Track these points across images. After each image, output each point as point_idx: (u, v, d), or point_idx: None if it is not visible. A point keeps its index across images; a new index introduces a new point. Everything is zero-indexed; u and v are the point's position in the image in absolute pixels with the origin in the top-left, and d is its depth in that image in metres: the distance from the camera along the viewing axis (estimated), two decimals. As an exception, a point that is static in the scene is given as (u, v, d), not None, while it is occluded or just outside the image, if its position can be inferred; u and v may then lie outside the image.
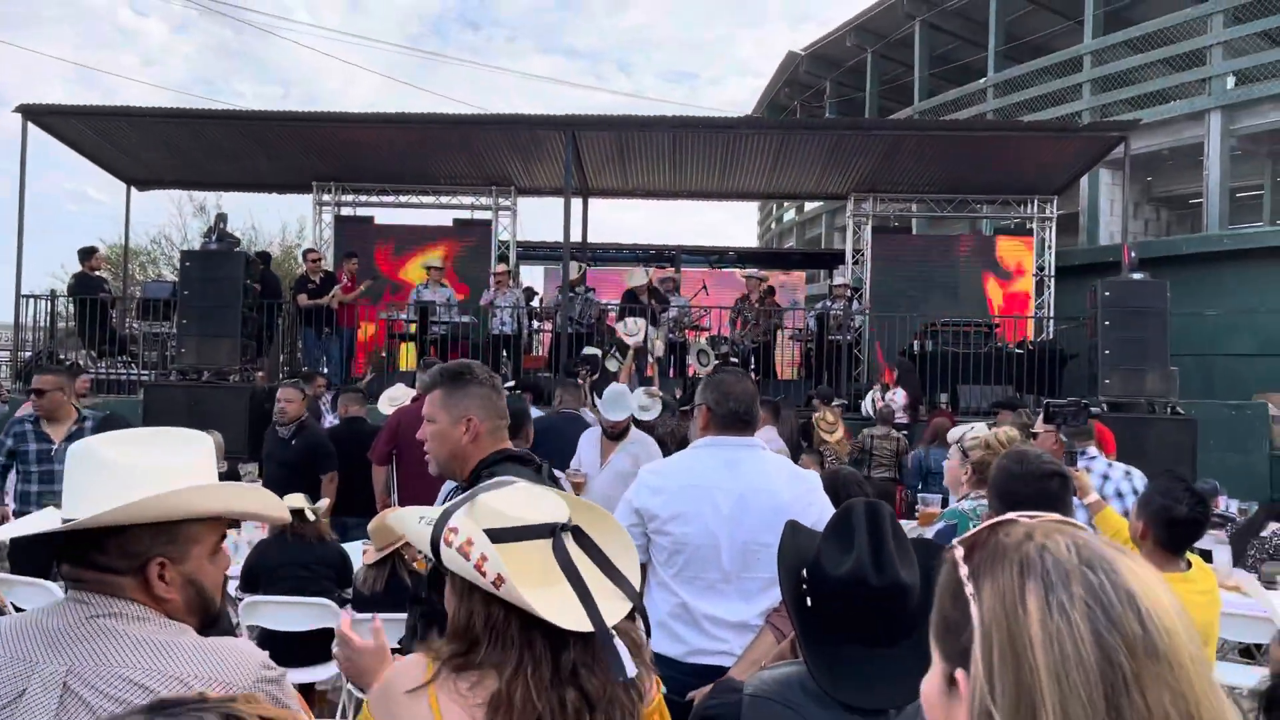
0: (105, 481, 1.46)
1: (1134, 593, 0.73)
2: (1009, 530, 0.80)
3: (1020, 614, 0.74)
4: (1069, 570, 0.74)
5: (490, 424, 2.48)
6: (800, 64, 27.60)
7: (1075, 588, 0.73)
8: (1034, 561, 0.76)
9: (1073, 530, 0.79)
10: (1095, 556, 0.75)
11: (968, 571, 0.80)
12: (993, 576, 0.77)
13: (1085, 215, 18.56)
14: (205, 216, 23.30)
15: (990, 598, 0.76)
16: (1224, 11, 16.58)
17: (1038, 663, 0.71)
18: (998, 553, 0.79)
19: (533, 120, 12.84)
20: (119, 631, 1.43)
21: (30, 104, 12.58)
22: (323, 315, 12.35)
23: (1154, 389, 10.96)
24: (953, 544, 0.83)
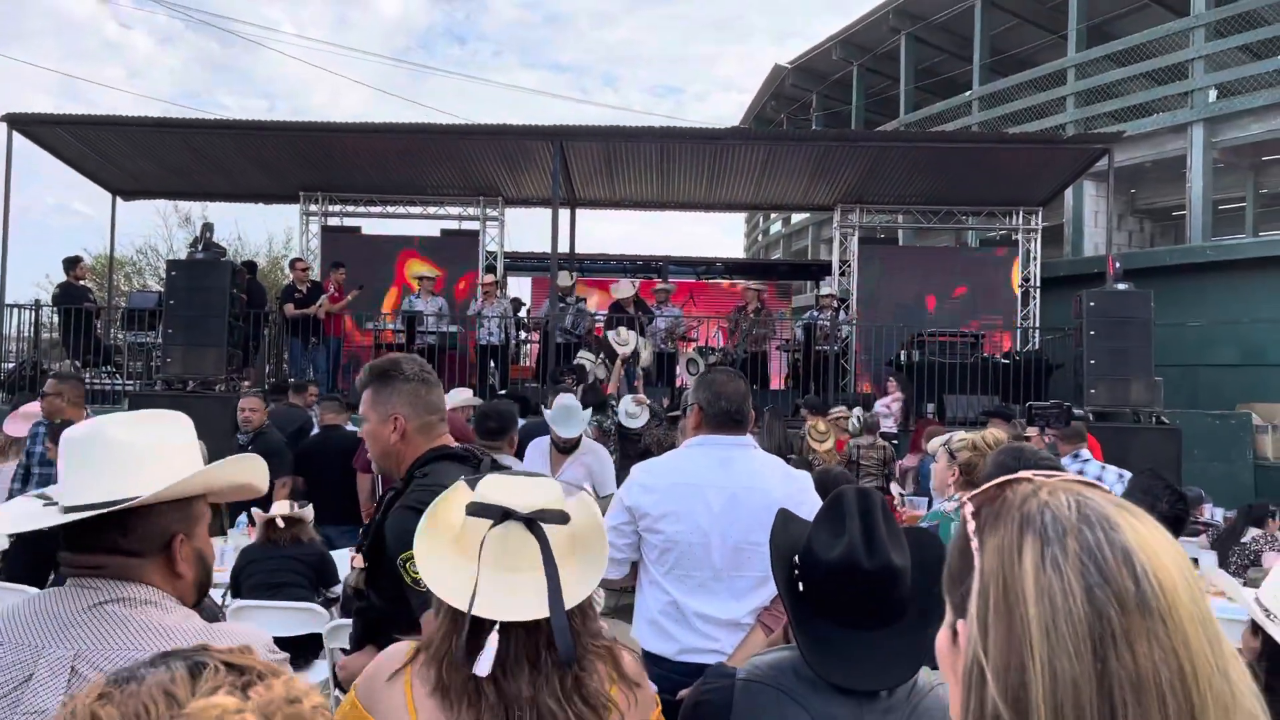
0: (131, 461, 1.47)
1: (1130, 550, 0.73)
2: (1016, 487, 0.81)
3: (1016, 567, 0.74)
4: (1067, 527, 0.75)
5: (419, 421, 2.42)
6: (786, 77, 27.76)
7: (1070, 543, 0.73)
8: (1034, 517, 0.76)
9: (1080, 488, 0.79)
10: (1096, 514, 0.75)
11: (974, 526, 0.81)
12: (995, 531, 0.78)
13: (1070, 227, 18.69)
14: (191, 227, 23.25)
15: (990, 551, 0.77)
16: (1205, 26, 16.77)
17: (1029, 615, 0.72)
18: (1003, 508, 0.80)
19: (521, 131, 12.86)
20: (126, 617, 1.43)
21: (16, 113, 12.52)
22: (309, 325, 12.32)
23: (1139, 399, 11.04)
24: (964, 499, 0.85)
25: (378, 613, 2.34)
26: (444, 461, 2.35)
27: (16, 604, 1.48)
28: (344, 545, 6.12)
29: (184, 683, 0.74)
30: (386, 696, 1.49)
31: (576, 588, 1.49)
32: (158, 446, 1.52)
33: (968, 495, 0.85)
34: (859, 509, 1.71)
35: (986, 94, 20.90)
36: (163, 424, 1.58)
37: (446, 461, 2.34)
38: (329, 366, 12.61)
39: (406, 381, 2.44)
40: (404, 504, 2.25)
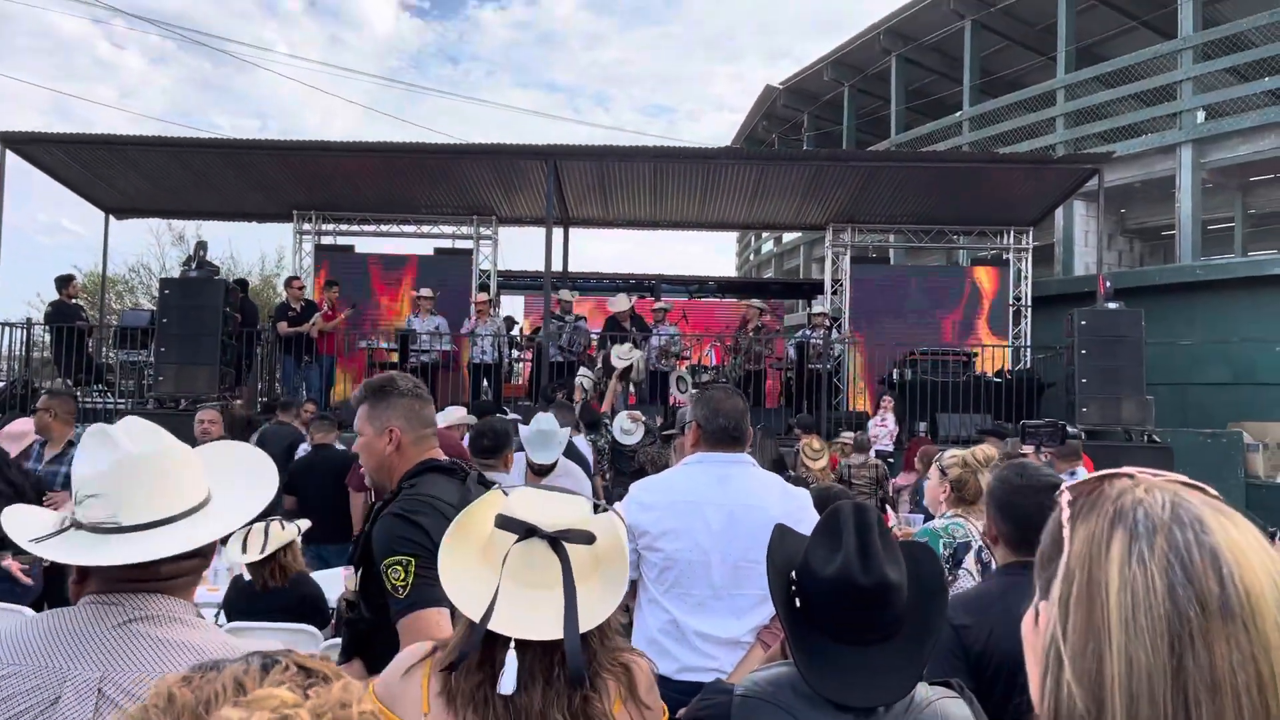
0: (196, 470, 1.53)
1: (1219, 552, 0.73)
2: (1115, 481, 0.83)
3: (1102, 558, 0.76)
4: (1157, 524, 0.76)
5: (413, 434, 2.51)
6: (778, 98, 27.92)
7: (1159, 541, 0.75)
8: (1126, 512, 0.78)
9: (1178, 489, 0.80)
10: (1189, 515, 0.77)
11: (1069, 514, 0.82)
12: (1087, 520, 0.80)
13: (1060, 246, 18.80)
14: (184, 245, 23.24)
15: (1080, 539, 0.79)
16: (1193, 48, 16.93)
17: (1109, 604, 0.73)
18: (1098, 500, 0.82)
19: (515, 150, 12.91)
20: (151, 636, 1.42)
21: (10, 131, 12.54)
22: (302, 343, 12.31)
23: (1130, 417, 11.10)
24: (1063, 488, 0.86)
25: (367, 624, 2.37)
26: (431, 474, 2.42)
27: (34, 624, 1.45)
28: (338, 564, 6.10)
29: (255, 676, 0.80)
30: (403, 690, 1.52)
31: (597, 609, 1.50)
32: (189, 454, 1.56)
33: (1067, 484, 0.88)
34: (855, 524, 1.72)
35: (977, 115, 21.05)
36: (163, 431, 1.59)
37: (434, 474, 2.42)
38: (322, 385, 12.60)
39: (402, 396, 2.53)
40: (390, 511, 2.30)
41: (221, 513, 1.55)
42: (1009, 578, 2.43)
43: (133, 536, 1.44)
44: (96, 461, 1.49)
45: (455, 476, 2.44)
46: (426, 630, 2.05)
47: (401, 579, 2.16)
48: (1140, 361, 11.10)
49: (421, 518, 2.24)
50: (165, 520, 1.46)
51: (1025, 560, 2.42)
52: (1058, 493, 0.87)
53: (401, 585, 2.16)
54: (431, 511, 2.25)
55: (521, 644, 1.45)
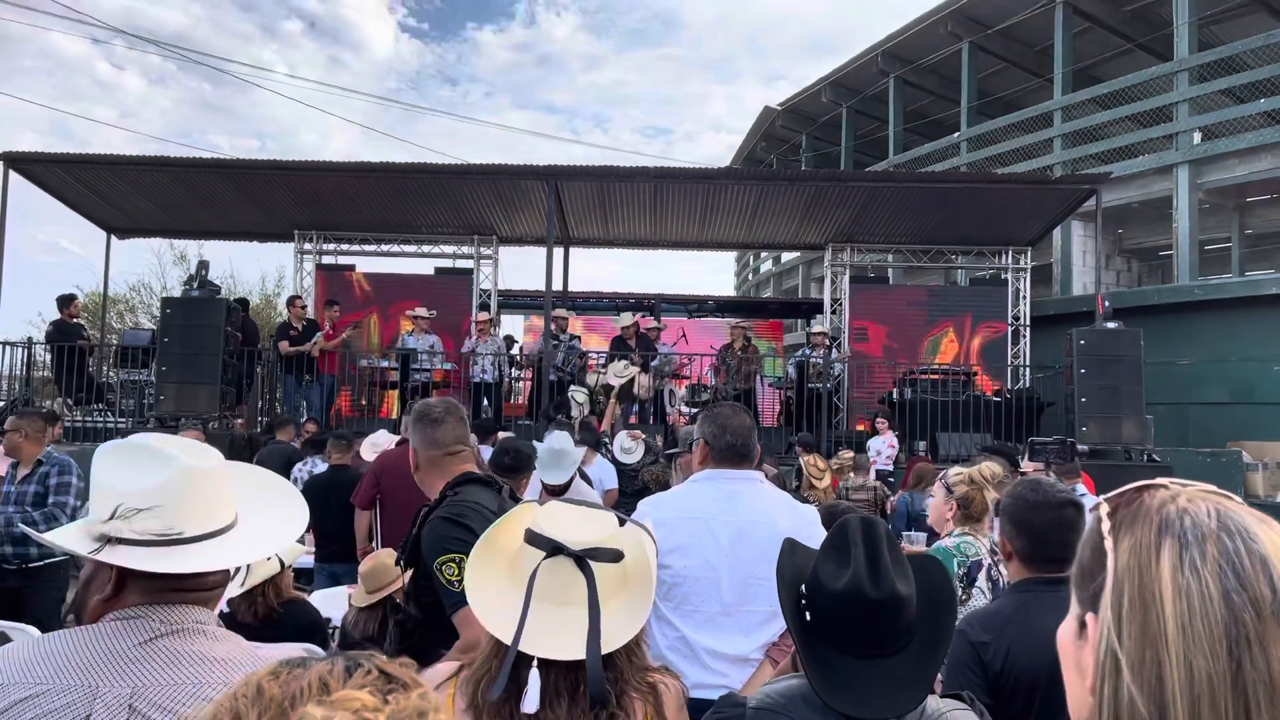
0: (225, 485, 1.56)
1: (1269, 559, 0.75)
2: (1155, 493, 0.84)
3: (1153, 567, 0.77)
4: (1206, 533, 0.77)
5: (426, 454, 2.85)
6: (776, 119, 28.07)
7: (1210, 549, 0.76)
8: (1173, 522, 0.79)
9: (1219, 499, 0.82)
10: (1235, 523, 0.78)
11: (1109, 526, 0.83)
12: (1131, 532, 0.81)
13: (1059, 266, 18.86)
14: (185, 265, 23.25)
15: (1126, 550, 0.80)
16: (1189, 70, 17.05)
17: (1165, 613, 0.75)
18: (1140, 511, 0.83)
19: (516, 170, 12.97)
20: (178, 651, 1.42)
21: (13, 152, 12.60)
22: (303, 362, 12.33)
23: (1130, 436, 11.11)
24: (1099, 500, 0.87)
25: (414, 622, 2.62)
26: (471, 484, 2.69)
27: (61, 642, 1.43)
28: (349, 583, 6.09)
29: (339, 676, 0.82)
30: None
31: (623, 628, 1.50)
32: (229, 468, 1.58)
33: (1104, 496, 0.88)
34: (863, 538, 1.73)
35: (974, 136, 21.17)
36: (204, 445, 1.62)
37: (473, 484, 2.69)
38: (322, 403, 12.61)
39: (417, 421, 2.88)
40: (439, 515, 2.56)
41: (269, 527, 1.58)
42: (1024, 594, 2.44)
43: (194, 547, 1.45)
44: (152, 474, 1.47)
45: (491, 487, 2.70)
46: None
47: (456, 574, 2.39)
48: (1139, 381, 11.13)
49: (468, 520, 2.48)
50: (220, 531, 1.49)
51: (1040, 576, 2.44)
52: (1094, 505, 0.88)
53: (456, 580, 2.38)
54: (476, 515, 2.50)
55: (545, 662, 1.45)
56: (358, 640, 4.20)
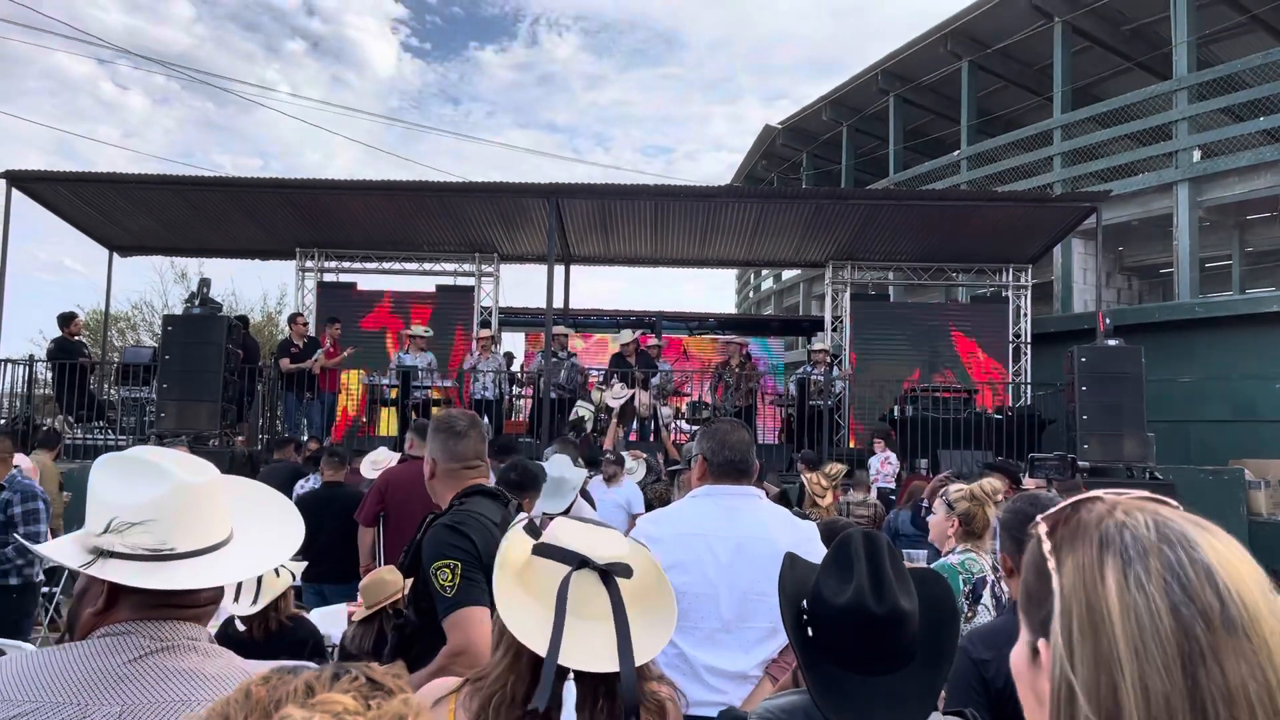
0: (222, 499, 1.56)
1: (1212, 567, 0.74)
2: (1091, 507, 0.83)
3: (1099, 587, 0.76)
4: (1147, 546, 0.76)
5: (445, 465, 2.86)
6: (777, 137, 28.16)
7: (1153, 563, 0.75)
8: (1113, 538, 0.78)
9: (1155, 507, 0.81)
10: (1175, 533, 0.77)
11: (1050, 546, 0.82)
12: (1073, 551, 0.80)
13: (1059, 284, 18.87)
14: (187, 283, 23.31)
15: (1070, 571, 0.79)
16: (1188, 89, 17.10)
17: (1116, 634, 0.73)
18: (1079, 529, 0.81)
19: (517, 189, 13.00)
20: (168, 668, 1.41)
21: (16, 170, 12.64)
22: (304, 380, 12.33)
23: (1131, 454, 11.08)
24: (1037, 520, 0.86)
25: (412, 627, 2.63)
26: (478, 496, 2.72)
27: (51, 661, 1.42)
28: (337, 603, 6.05)
29: (325, 682, 0.85)
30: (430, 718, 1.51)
31: (648, 642, 1.50)
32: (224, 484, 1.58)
33: (1041, 515, 0.86)
34: (866, 552, 1.72)
35: (974, 154, 21.22)
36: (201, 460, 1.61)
37: (481, 496, 2.72)
38: (323, 421, 12.60)
39: (439, 433, 2.91)
40: (441, 522, 2.59)
41: (264, 543, 1.58)
42: None
43: (186, 563, 1.44)
44: (147, 489, 1.47)
45: (499, 501, 2.74)
46: (469, 626, 2.32)
47: (449, 580, 2.41)
48: (1141, 398, 11.11)
49: (468, 529, 2.51)
50: (213, 547, 1.49)
51: None
52: (1032, 524, 0.86)
53: (449, 585, 2.40)
54: (477, 525, 2.53)
55: (576, 674, 1.46)
56: (354, 655, 4.18)
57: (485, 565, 2.32)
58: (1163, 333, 15.12)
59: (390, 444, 9.90)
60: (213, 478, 1.54)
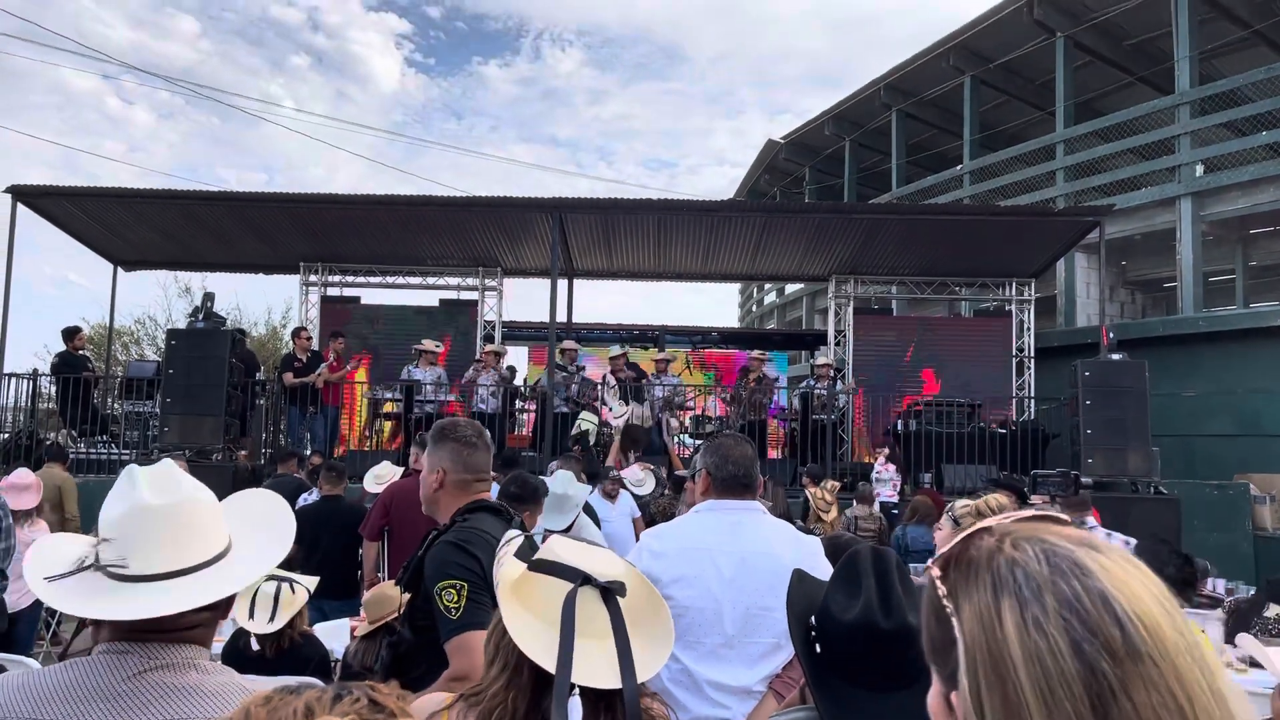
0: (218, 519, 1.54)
1: (1107, 594, 0.72)
2: (979, 543, 0.80)
3: (999, 634, 0.73)
4: (1040, 582, 0.73)
5: (457, 476, 2.73)
6: (779, 152, 28.22)
7: (1048, 600, 0.72)
8: (1006, 578, 0.75)
9: (1042, 533, 0.78)
10: (1066, 561, 0.74)
11: (945, 591, 0.79)
12: (968, 596, 0.77)
13: (1063, 298, 18.86)
14: (191, 297, 23.37)
15: (969, 619, 0.76)
16: (1190, 104, 17.13)
17: (1021, 682, 0.70)
18: (971, 570, 0.78)
19: (521, 203, 13.02)
20: (167, 684, 1.41)
21: (20, 185, 12.68)
22: (307, 394, 12.34)
23: (1136, 468, 11.05)
24: (929, 563, 0.83)
25: (407, 646, 2.55)
26: (482, 512, 2.62)
27: (52, 676, 1.43)
28: (336, 618, 6.03)
29: (327, 704, 0.84)
30: None
31: (649, 660, 1.51)
32: (210, 501, 1.56)
33: (931, 560, 0.83)
34: (874, 569, 1.71)
35: (977, 168, 21.24)
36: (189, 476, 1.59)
37: (484, 513, 2.63)
38: (326, 435, 12.60)
39: (454, 442, 2.77)
40: (445, 539, 2.51)
41: (236, 566, 1.54)
42: None
43: (140, 586, 1.43)
44: (116, 505, 1.49)
45: (502, 517, 2.65)
46: (474, 651, 2.19)
47: (455, 601, 2.32)
48: (1145, 412, 11.09)
49: (475, 548, 2.43)
50: (176, 573, 1.45)
51: None
52: (925, 566, 0.83)
53: (454, 607, 2.31)
54: (483, 544, 2.44)
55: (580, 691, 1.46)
56: (358, 671, 4.17)
57: (491, 586, 2.27)
58: (1166, 347, 15.11)
59: (394, 458, 9.90)
60: (178, 499, 1.50)
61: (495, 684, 1.49)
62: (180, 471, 1.58)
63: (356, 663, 4.23)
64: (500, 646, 1.49)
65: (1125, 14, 18.69)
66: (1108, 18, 18.86)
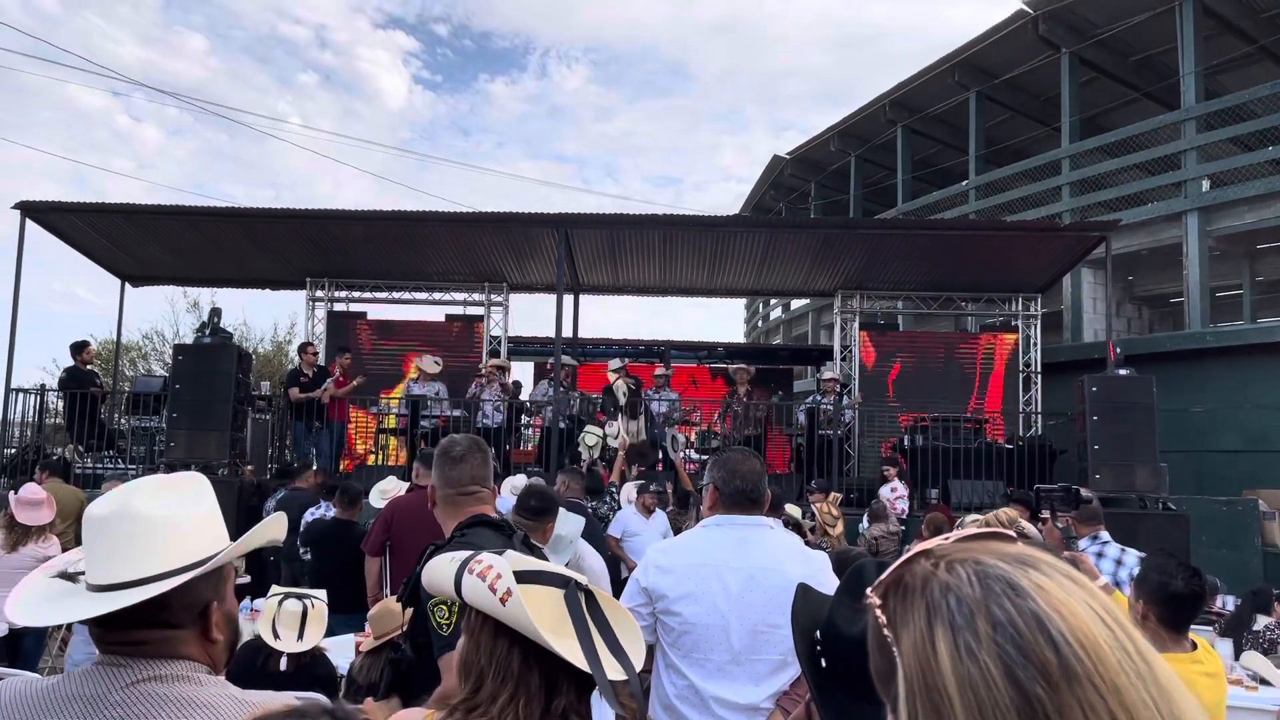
0: (166, 534, 1.47)
1: (1041, 615, 0.69)
2: (915, 569, 0.78)
3: (933, 663, 0.71)
4: (973, 607, 0.71)
5: (443, 492, 2.79)
6: (785, 167, 28.28)
7: (980, 624, 0.70)
8: (939, 604, 0.73)
9: (977, 553, 0.76)
10: (999, 582, 0.72)
11: (884, 620, 0.77)
12: (905, 624, 0.75)
13: (1069, 313, 18.84)
14: (198, 312, 23.44)
15: (907, 649, 0.74)
16: (1196, 119, 17.14)
17: (956, 712, 0.68)
18: (907, 597, 0.76)
19: (526, 219, 13.05)
20: (161, 695, 1.41)
21: (29, 201, 12.74)
22: (313, 409, 12.35)
23: (1144, 484, 11.00)
24: (868, 591, 0.80)
25: (408, 662, 2.55)
26: (481, 527, 2.63)
27: (50, 688, 1.44)
28: (342, 633, 6.03)
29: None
30: None
31: (634, 650, 1.51)
32: (190, 515, 1.52)
33: (871, 587, 0.80)
34: (880, 583, 1.70)
35: (982, 184, 21.26)
36: (184, 490, 1.58)
37: (483, 527, 2.63)
38: (332, 450, 12.61)
39: (439, 459, 2.83)
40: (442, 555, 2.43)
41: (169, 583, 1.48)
42: None
43: (87, 597, 1.45)
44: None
45: (503, 532, 2.63)
46: None
47: (446, 618, 2.29)
48: (1153, 428, 11.04)
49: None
50: (122, 585, 1.43)
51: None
52: (865, 595, 0.81)
53: (446, 624, 2.28)
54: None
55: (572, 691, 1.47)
56: (363, 686, 4.17)
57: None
58: (1174, 362, 15.06)
59: (400, 473, 9.89)
60: (117, 510, 1.48)
61: (500, 696, 1.47)
62: (144, 484, 1.56)
63: (362, 678, 4.22)
64: (496, 658, 1.46)
65: (1130, 30, 18.73)
66: (1112, 34, 18.90)
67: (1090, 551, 4.38)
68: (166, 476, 1.59)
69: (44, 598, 1.50)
